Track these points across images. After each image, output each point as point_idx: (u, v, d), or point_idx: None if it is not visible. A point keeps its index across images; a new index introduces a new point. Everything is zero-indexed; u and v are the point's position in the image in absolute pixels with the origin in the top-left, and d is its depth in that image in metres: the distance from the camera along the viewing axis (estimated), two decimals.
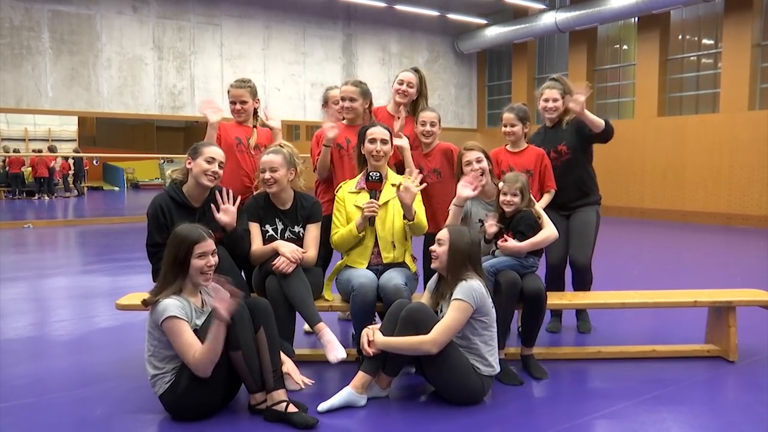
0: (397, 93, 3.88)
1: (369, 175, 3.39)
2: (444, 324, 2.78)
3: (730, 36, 11.08)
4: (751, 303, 3.56)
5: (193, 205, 3.18)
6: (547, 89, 4.05)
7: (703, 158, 11.45)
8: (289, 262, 3.12)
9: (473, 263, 2.91)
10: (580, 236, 4.02)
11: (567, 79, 4.12)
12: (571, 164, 4.02)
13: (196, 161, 3.12)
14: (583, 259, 4.01)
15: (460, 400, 2.87)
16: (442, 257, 2.93)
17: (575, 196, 4.05)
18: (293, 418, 2.59)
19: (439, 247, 2.95)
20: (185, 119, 17.19)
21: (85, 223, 11.97)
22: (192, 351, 2.54)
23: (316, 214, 3.40)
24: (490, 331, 2.90)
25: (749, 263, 7.10)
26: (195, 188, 3.17)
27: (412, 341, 2.76)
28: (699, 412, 2.84)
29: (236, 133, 3.79)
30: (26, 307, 4.98)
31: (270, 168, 3.25)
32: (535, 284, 3.24)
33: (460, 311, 2.78)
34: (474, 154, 3.46)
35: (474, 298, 2.80)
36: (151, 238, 3.11)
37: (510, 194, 3.37)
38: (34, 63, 10.77)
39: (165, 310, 2.56)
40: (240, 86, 3.82)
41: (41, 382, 3.22)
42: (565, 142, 4.02)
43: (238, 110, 3.83)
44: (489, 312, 2.88)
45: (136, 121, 24.96)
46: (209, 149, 3.16)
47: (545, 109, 4.05)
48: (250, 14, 12.68)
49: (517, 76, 15.05)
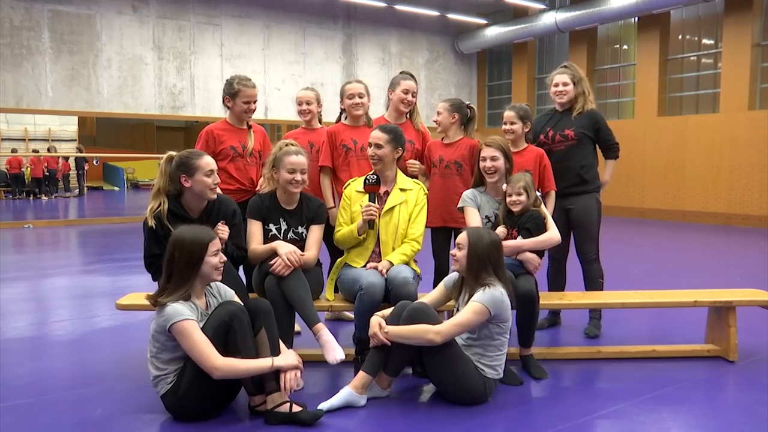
0: (402, 103, 3.90)
1: (366, 178, 3.38)
2: (456, 320, 2.79)
3: (730, 36, 11.08)
4: (751, 303, 3.56)
5: (192, 216, 3.12)
6: (558, 74, 4.08)
7: (703, 158, 11.46)
8: (286, 265, 3.11)
9: (494, 265, 2.91)
10: (584, 228, 4.04)
11: (577, 66, 4.14)
12: (575, 150, 4.02)
13: (195, 178, 3.01)
14: (589, 248, 4.03)
15: (460, 400, 2.87)
16: (462, 261, 2.94)
17: (574, 182, 4.04)
18: (300, 416, 2.60)
19: (459, 251, 2.96)
20: (185, 119, 17.21)
21: (85, 223, 11.98)
22: (206, 351, 2.52)
23: (320, 216, 3.41)
24: (504, 337, 2.91)
25: (749, 263, 7.10)
26: (195, 201, 3.11)
27: (418, 328, 2.76)
28: (699, 412, 2.84)
29: (230, 140, 3.75)
30: (26, 307, 4.98)
31: (301, 170, 3.26)
32: (528, 285, 3.22)
33: (476, 313, 2.79)
34: (490, 152, 3.46)
35: (494, 304, 2.80)
36: (150, 250, 3.06)
37: (515, 194, 3.37)
38: (34, 63, 10.78)
39: (174, 314, 2.55)
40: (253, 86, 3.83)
41: (41, 382, 3.22)
42: (573, 127, 4.02)
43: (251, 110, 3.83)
44: (507, 319, 2.89)
45: (136, 121, 24.99)
46: (204, 162, 3.04)
47: (555, 93, 4.08)
48: (250, 14, 12.68)
49: (517, 76, 15.05)
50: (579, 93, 4.05)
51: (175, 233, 2.68)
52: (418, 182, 3.53)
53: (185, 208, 3.10)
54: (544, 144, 4.08)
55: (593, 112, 4.07)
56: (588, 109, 4.04)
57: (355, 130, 3.88)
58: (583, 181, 4.05)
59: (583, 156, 4.04)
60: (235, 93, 3.75)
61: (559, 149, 4.03)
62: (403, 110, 3.93)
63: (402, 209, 3.39)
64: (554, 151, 4.04)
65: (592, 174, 4.09)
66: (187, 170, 3.01)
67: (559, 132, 4.04)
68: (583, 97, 4.05)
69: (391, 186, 3.45)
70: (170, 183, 3.06)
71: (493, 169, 3.45)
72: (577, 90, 4.04)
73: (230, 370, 2.56)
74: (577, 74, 4.06)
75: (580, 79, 4.06)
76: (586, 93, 4.06)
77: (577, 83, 4.04)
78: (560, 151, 4.03)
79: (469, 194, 3.55)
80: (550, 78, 4.13)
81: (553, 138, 4.06)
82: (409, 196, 3.43)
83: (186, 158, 3.05)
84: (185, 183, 3.02)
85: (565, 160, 4.02)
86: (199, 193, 3.05)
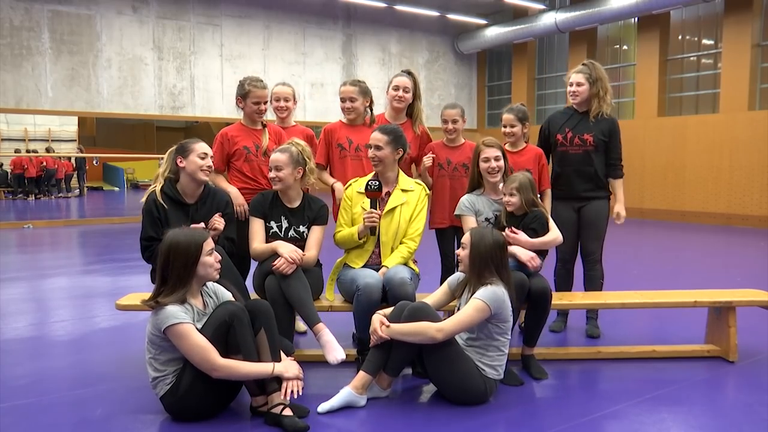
0: (394, 99, 3.87)
1: (368, 183, 3.34)
2: (457, 318, 2.80)
3: (730, 36, 11.08)
4: (751, 303, 3.56)
5: (187, 201, 3.24)
6: (574, 73, 4.03)
7: (703, 158, 11.46)
8: (289, 263, 3.13)
9: (496, 265, 2.91)
10: (592, 227, 4.05)
11: (598, 65, 4.04)
12: (593, 156, 4.00)
13: (189, 159, 3.19)
14: (595, 248, 4.05)
15: (460, 400, 2.87)
16: (465, 261, 2.95)
17: (589, 186, 4.03)
18: (284, 421, 2.58)
19: (462, 251, 2.97)
20: (185, 119, 17.21)
21: (85, 223, 11.98)
22: (205, 352, 2.52)
23: (322, 216, 3.41)
24: (504, 337, 2.91)
25: (749, 263, 7.10)
26: (190, 184, 3.24)
27: (419, 326, 2.76)
28: (699, 412, 2.84)
29: (244, 141, 3.74)
30: (26, 307, 4.98)
31: (275, 167, 3.30)
32: (542, 284, 3.24)
33: (477, 311, 2.79)
34: (493, 152, 3.47)
35: (495, 302, 2.81)
36: (145, 232, 3.19)
37: (507, 195, 3.40)
38: (34, 63, 10.77)
39: (168, 317, 2.55)
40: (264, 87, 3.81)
41: (41, 382, 3.22)
42: (593, 133, 3.98)
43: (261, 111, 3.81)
44: (507, 319, 2.89)
45: (136, 121, 24.96)
46: (199, 145, 3.24)
47: (569, 93, 4.04)
48: (250, 14, 12.68)
49: (517, 76, 15.05)
50: (594, 94, 3.96)
51: (168, 237, 2.67)
52: (419, 182, 3.52)
53: (180, 193, 3.24)
54: (561, 144, 4.04)
55: (613, 122, 4.02)
56: (606, 113, 3.98)
57: (352, 129, 3.87)
58: (598, 187, 4.06)
59: (599, 162, 4.03)
60: (245, 94, 3.76)
61: (576, 152, 4.01)
62: (396, 106, 3.89)
63: (403, 210, 3.38)
64: (571, 154, 4.02)
65: (606, 180, 4.10)
66: (183, 152, 3.21)
67: (578, 135, 4.00)
68: (598, 99, 3.96)
69: (393, 187, 3.44)
70: (168, 167, 3.27)
71: (497, 169, 3.47)
72: (592, 90, 3.95)
73: (230, 372, 2.57)
74: (594, 73, 3.96)
75: (596, 79, 3.94)
76: (601, 94, 3.95)
77: (593, 83, 3.95)
78: (578, 155, 4.00)
79: (466, 202, 3.55)
80: (567, 76, 4.09)
81: (571, 140, 4.02)
82: (411, 197, 3.42)
83: (185, 143, 3.28)
84: (180, 164, 3.21)
85: (584, 164, 4.00)
86: (191, 173, 3.19)
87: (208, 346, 2.54)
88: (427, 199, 3.49)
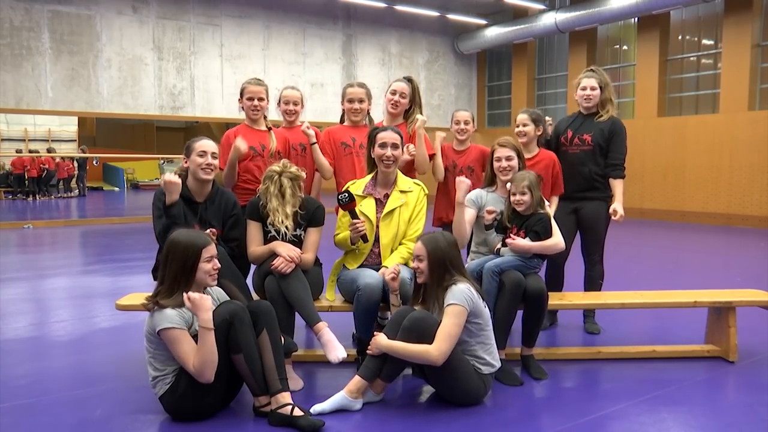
0: (389, 103, 3.88)
1: (338, 198, 3.30)
2: (444, 332, 2.74)
3: (730, 36, 11.08)
4: (751, 303, 3.56)
5: (197, 199, 3.27)
6: (586, 78, 4.08)
7: (703, 158, 11.46)
8: (288, 262, 3.13)
9: (454, 266, 2.89)
10: (591, 229, 4.08)
11: (603, 71, 4.14)
12: (590, 156, 4.03)
13: (191, 158, 3.24)
14: (594, 249, 4.07)
15: (462, 401, 2.87)
16: (425, 271, 2.90)
17: (584, 186, 4.05)
18: (299, 421, 2.57)
19: (420, 262, 2.91)
20: (185, 119, 17.21)
21: (85, 224, 11.97)
22: (191, 360, 2.54)
23: (318, 218, 3.39)
24: (485, 331, 2.89)
25: (749, 263, 7.10)
26: (195, 183, 3.27)
27: (418, 350, 2.72)
28: (699, 412, 2.84)
29: (249, 141, 3.69)
30: (26, 307, 4.98)
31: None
32: (538, 284, 3.24)
33: (457, 315, 2.76)
34: (505, 152, 3.50)
35: (467, 300, 2.78)
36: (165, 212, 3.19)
37: (519, 193, 3.37)
38: (34, 63, 10.77)
39: (163, 320, 2.56)
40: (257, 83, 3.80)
41: (41, 382, 3.22)
42: (592, 133, 4.02)
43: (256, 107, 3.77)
44: (482, 313, 2.86)
45: (136, 121, 24.97)
46: (199, 143, 3.25)
47: (583, 97, 4.07)
48: (250, 14, 12.68)
49: (517, 76, 15.05)
50: (605, 98, 4.05)
51: (171, 236, 2.71)
52: (418, 183, 3.52)
53: (190, 191, 3.27)
54: (562, 145, 4.10)
55: (617, 123, 4.05)
56: (612, 116, 4.04)
57: (354, 129, 3.88)
58: (594, 188, 4.07)
59: (597, 164, 4.05)
60: (241, 92, 3.79)
61: (574, 152, 4.04)
62: (391, 111, 3.89)
63: (402, 211, 3.37)
64: (569, 154, 4.05)
65: (603, 182, 4.10)
66: (187, 151, 3.28)
67: (578, 135, 4.04)
68: (609, 103, 4.05)
69: (392, 188, 3.42)
70: (180, 166, 3.38)
71: (509, 168, 3.48)
72: (604, 95, 4.04)
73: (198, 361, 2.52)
74: (603, 79, 4.06)
75: (606, 84, 4.05)
76: (612, 98, 4.07)
77: (603, 88, 4.03)
78: (575, 154, 4.03)
79: (473, 195, 3.55)
80: (577, 81, 4.13)
81: (571, 141, 4.06)
82: (409, 197, 3.41)
83: (189, 142, 3.34)
84: (185, 163, 3.29)
85: (579, 164, 4.03)
86: (193, 172, 3.25)
87: (188, 354, 2.54)
88: (426, 199, 3.49)
